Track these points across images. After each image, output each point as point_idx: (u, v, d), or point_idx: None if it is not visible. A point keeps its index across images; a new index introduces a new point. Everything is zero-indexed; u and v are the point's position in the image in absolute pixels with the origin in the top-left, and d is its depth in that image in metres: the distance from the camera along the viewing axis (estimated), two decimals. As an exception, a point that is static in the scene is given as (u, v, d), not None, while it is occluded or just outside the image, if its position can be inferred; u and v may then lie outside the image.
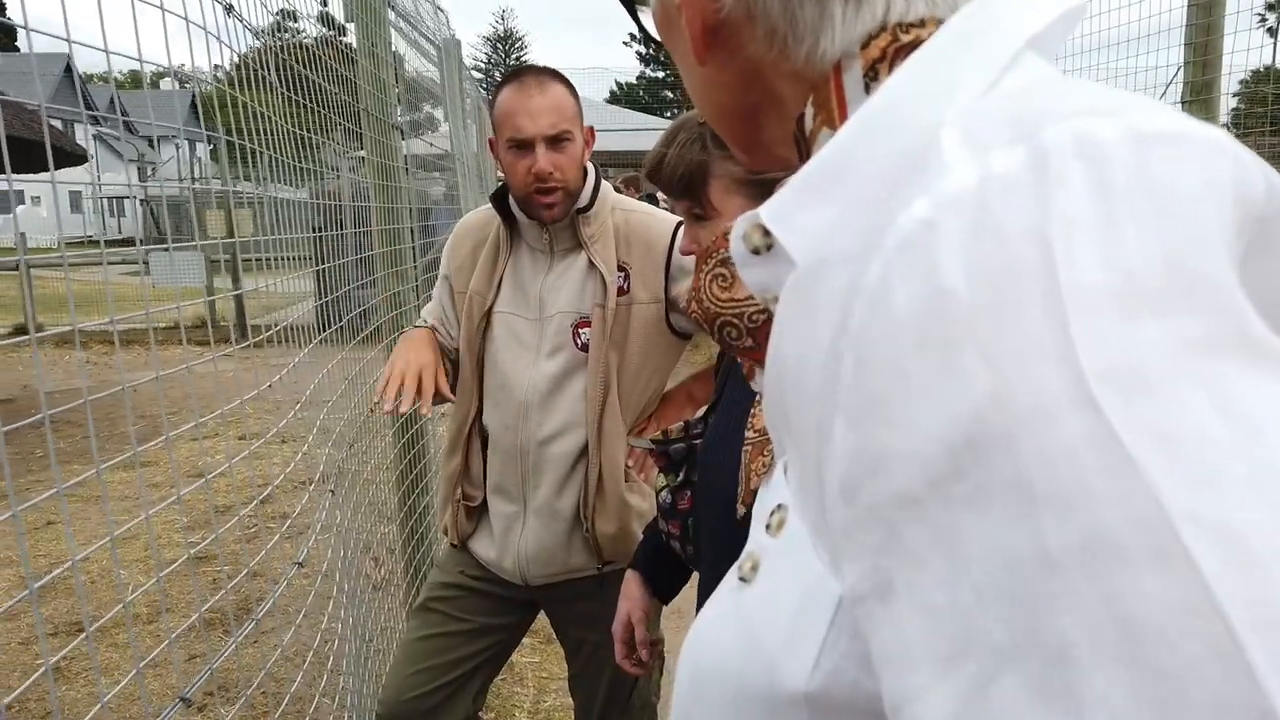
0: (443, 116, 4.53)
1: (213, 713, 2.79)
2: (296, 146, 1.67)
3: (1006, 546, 0.28)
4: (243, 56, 1.39)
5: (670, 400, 1.82)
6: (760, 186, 1.10)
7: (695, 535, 1.25)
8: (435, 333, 1.86)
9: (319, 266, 1.88)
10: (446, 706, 1.83)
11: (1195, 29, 2.56)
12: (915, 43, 0.43)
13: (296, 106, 1.70)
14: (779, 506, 0.44)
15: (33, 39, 0.84)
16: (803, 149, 0.48)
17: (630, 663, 1.47)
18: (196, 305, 8.96)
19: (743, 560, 0.46)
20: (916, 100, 0.39)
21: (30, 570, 0.90)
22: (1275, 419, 0.27)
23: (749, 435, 1.01)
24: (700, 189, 1.13)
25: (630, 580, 1.48)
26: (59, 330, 1.17)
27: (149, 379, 1.00)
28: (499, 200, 1.78)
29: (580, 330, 1.74)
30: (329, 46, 2.09)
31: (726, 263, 0.92)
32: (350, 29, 2.37)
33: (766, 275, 0.44)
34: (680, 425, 1.28)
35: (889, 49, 0.43)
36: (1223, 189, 0.31)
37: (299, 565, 1.47)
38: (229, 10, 1.23)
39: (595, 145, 1.81)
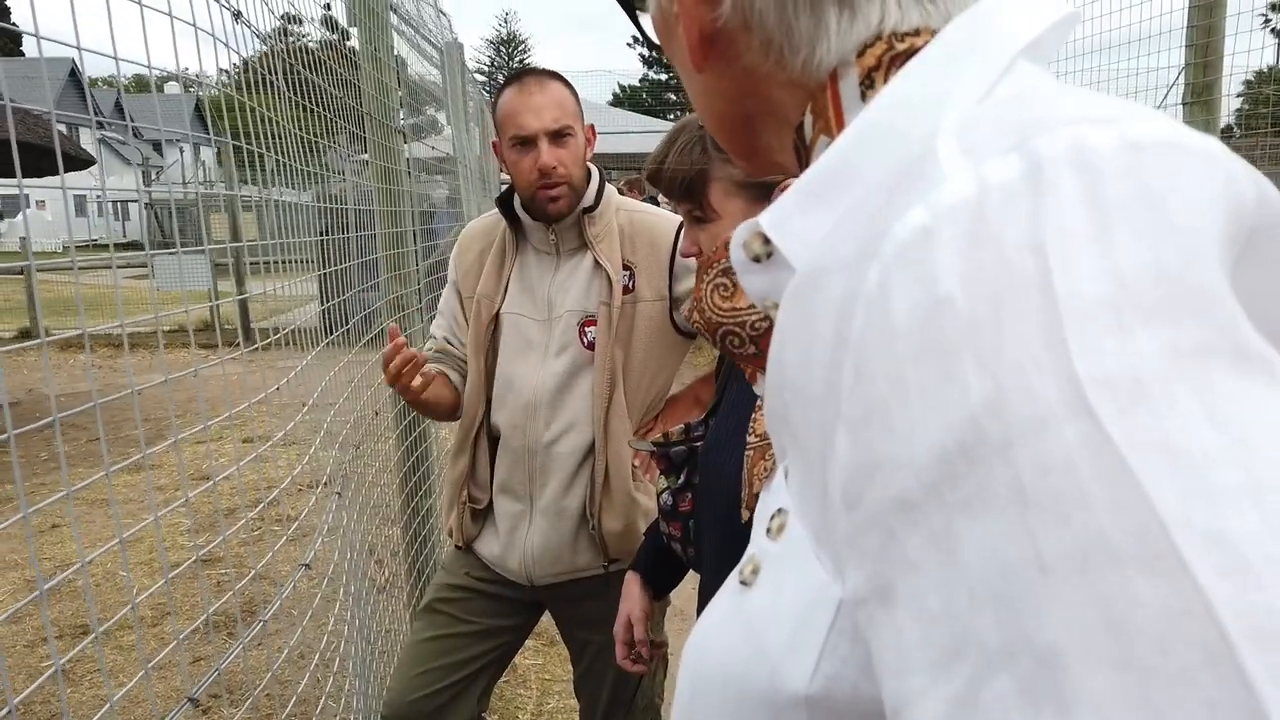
0: (445, 120, 4.54)
1: (217, 714, 2.80)
2: (300, 150, 1.68)
3: (1001, 551, 0.28)
4: (247, 61, 1.40)
5: (677, 403, 1.83)
6: (760, 189, 1.11)
7: (696, 537, 1.26)
8: (446, 352, 1.89)
9: (323, 270, 1.88)
10: (451, 708, 1.83)
11: (1196, 30, 2.56)
12: (910, 51, 0.43)
13: (300, 110, 1.71)
14: (779, 510, 0.44)
15: (42, 45, 0.85)
16: (802, 157, 0.49)
17: (630, 662, 1.48)
18: (201, 309, 8.98)
19: (744, 564, 0.47)
20: (913, 109, 0.40)
21: (35, 573, 0.90)
22: (1268, 427, 0.27)
23: (751, 440, 1.02)
24: (700, 192, 1.13)
25: (631, 581, 1.48)
26: (67, 333, 1.17)
27: (157, 383, 1.00)
28: (504, 204, 1.79)
29: (586, 329, 1.75)
30: (332, 50, 2.10)
31: (728, 272, 0.92)
32: (353, 33, 2.38)
33: (767, 283, 0.44)
34: (681, 428, 1.29)
35: (884, 57, 0.43)
36: (1216, 198, 0.31)
37: (306, 567, 1.47)
38: (237, 16, 1.24)
39: (598, 147, 1.82)
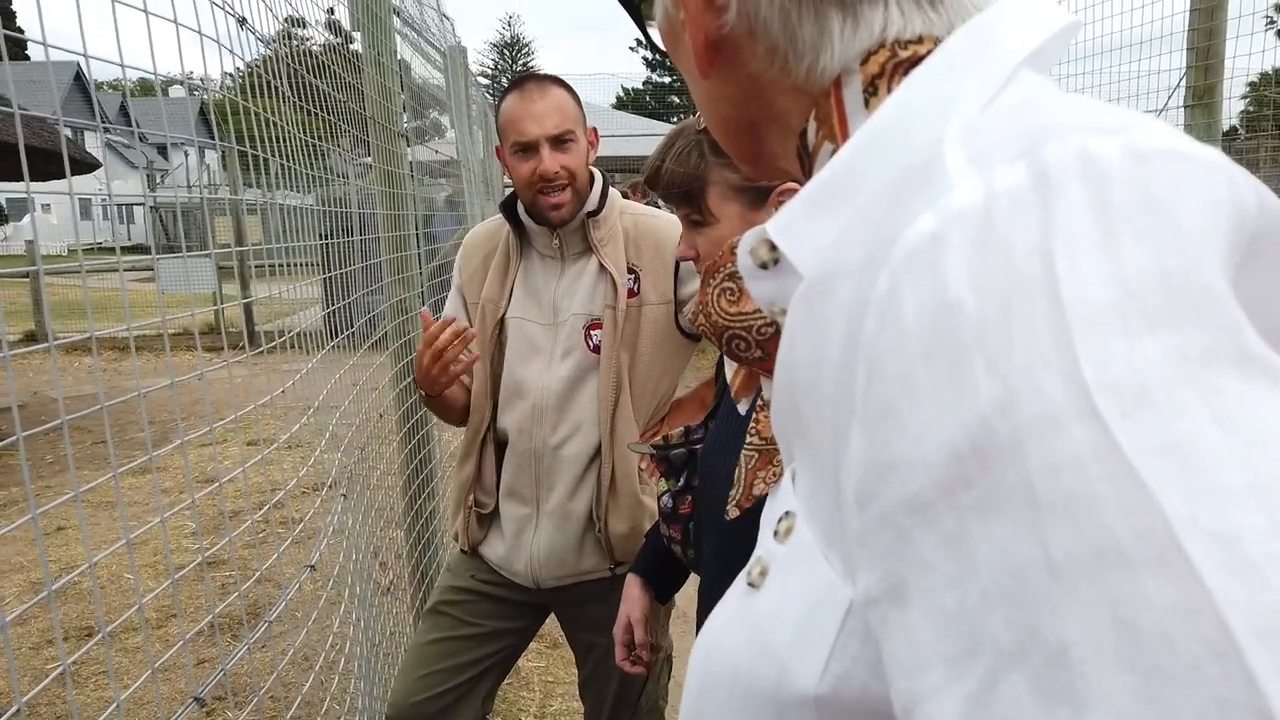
0: (448, 123, 4.55)
1: (221, 717, 2.80)
2: (305, 154, 1.69)
3: (1012, 551, 0.28)
4: (251, 65, 1.41)
5: (683, 407, 1.83)
6: (756, 193, 1.11)
7: (696, 539, 1.26)
8: None
9: (326, 274, 1.89)
10: (455, 710, 1.84)
11: (1197, 34, 2.57)
12: (913, 59, 0.44)
13: (304, 114, 1.72)
14: (787, 513, 0.44)
15: (48, 49, 0.86)
16: (805, 163, 0.50)
17: (629, 664, 1.49)
18: (205, 312, 8.99)
19: (751, 565, 0.47)
20: (918, 117, 0.40)
21: (41, 576, 0.91)
22: (1271, 429, 0.28)
23: (752, 440, 1.02)
24: (698, 195, 1.14)
25: (631, 583, 1.49)
26: (76, 337, 1.17)
27: (163, 385, 1.01)
28: (508, 209, 1.80)
29: (592, 332, 1.75)
30: (335, 55, 2.11)
31: (734, 277, 0.93)
32: (356, 37, 2.39)
33: (774, 289, 0.45)
34: (681, 431, 1.29)
35: (888, 65, 0.44)
36: (1219, 206, 0.32)
37: (311, 568, 1.48)
38: (242, 23, 1.24)
39: (601, 150, 1.82)
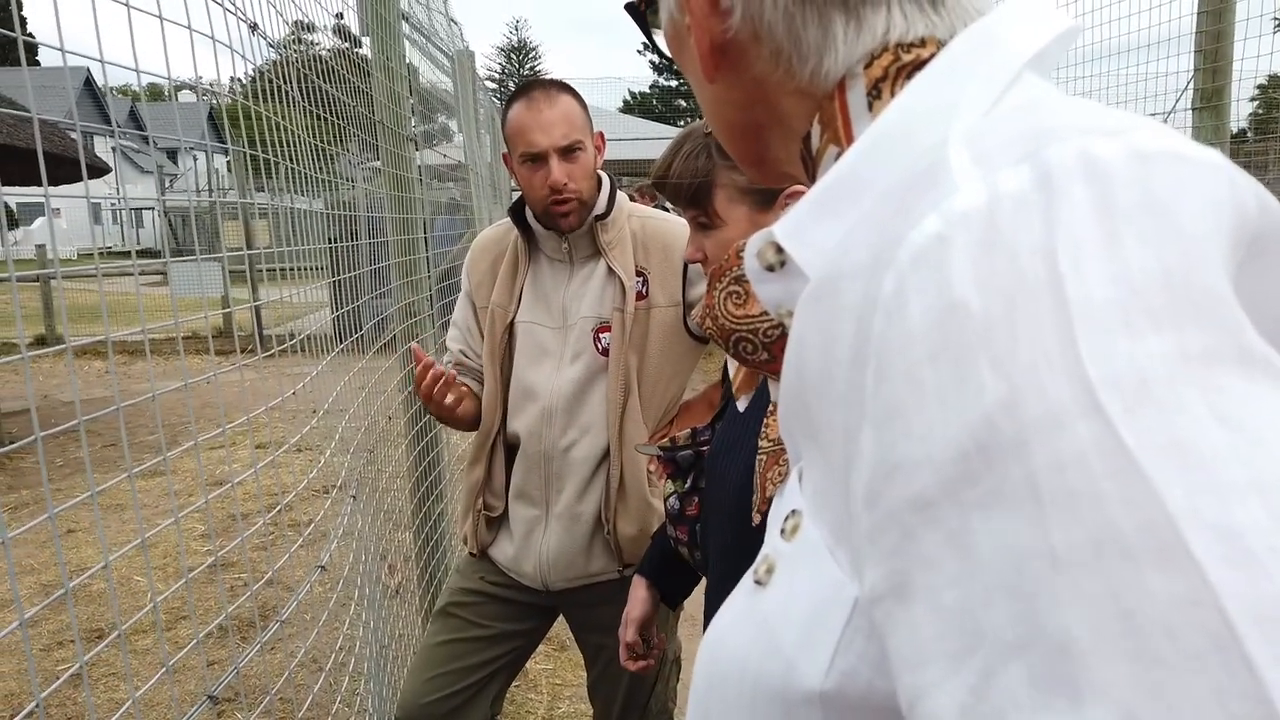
0: (456, 127, 4.57)
1: (231, 718, 2.81)
2: (315, 158, 1.70)
3: (1015, 546, 0.29)
4: (260, 70, 1.42)
5: (691, 408, 1.83)
6: (764, 196, 1.12)
7: (703, 541, 1.26)
8: (463, 365, 1.91)
9: (334, 278, 1.90)
10: (464, 711, 1.84)
11: (1205, 36, 2.56)
12: (916, 61, 0.44)
13: (313, 118, 1.73)
14: (793, 512, 0.45)
15: (65, 55, 0.87)
16: (809, 166, 0.50)
17: (634, 663, 1.49)
18: (218, 314, 9.02)
19: (758, 564, 0.47)
20: (922, 120, 0.41)
21: (52, 578, 0.92)
22: (1272, 427, 0.28)
23: (764, 445, 1.02)
24: (705, 198, 1.15)
25: (637, 584, 1.49)
26: (84, 340, 1.19)
27: (176, 387, 1.02)
28: (516, 213, 1.81)
29: (601, 335, 1.76)
30: (344, 59, 2.12)
31: (741, 280, 0.93)
32: (365, 42, 2.40)
33: (781, 291, 0.45)
34: (688, 433, 1.30)
35: (891, 68, 0.45)
36: (1220, 206, 0.32)
37: (322, 569, 1.49)
38: (254, 28, 1.25)
39: (608, 154, 1.83)
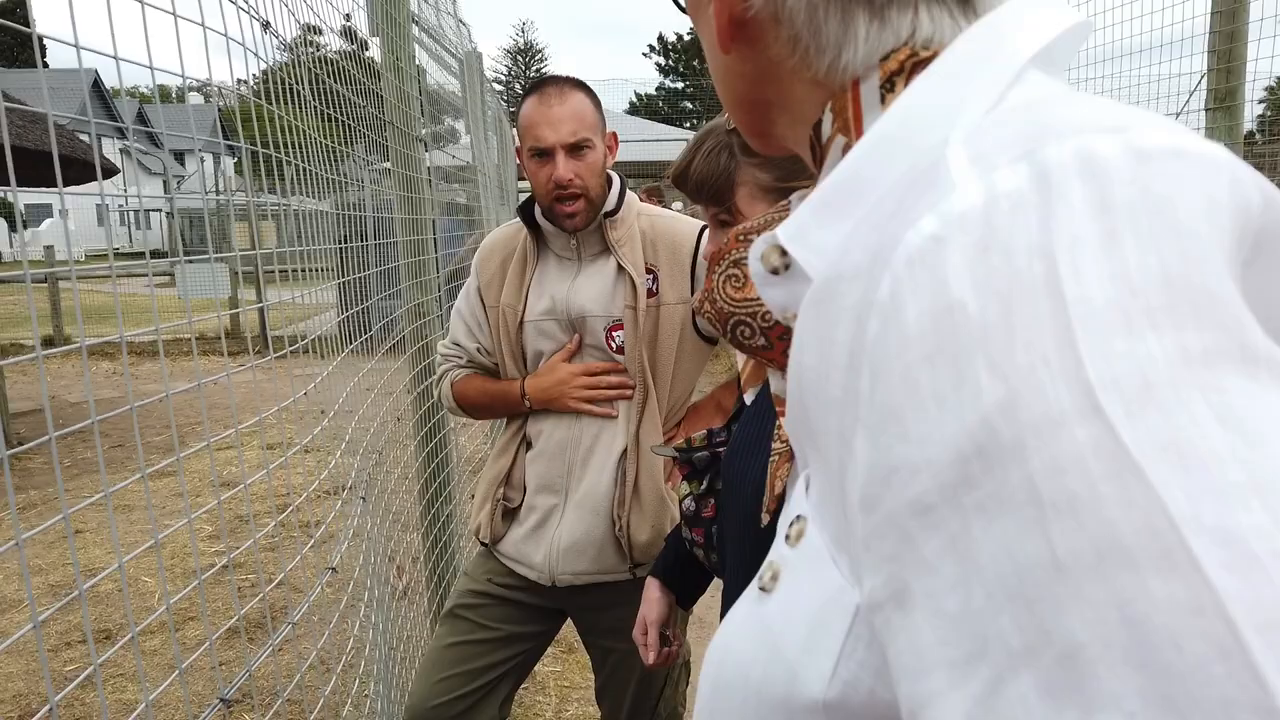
0: (464, 128, 4.57)
1: (239, 719, 2.81)
2: (326, 158, 1.70)
3: (1017, 552, 0.28)
4: (270, 70, 1.42)
5: (699, 410, 1.83)
6: (785, 193, 1.11)
7: (719, 543, 1.26)
8: (474, 360, 1.90)
9: (342, 279, 1.90)
10: (472, 714, 1.83)
11: (1218, 36, 2.55)
12: (933, 58, 0.43)
13: (323, 119, 1.73)
14: (798, 518, 0.45)
15: (80, 52, 0.86)
16: (817, 154, 0.49)
17: (654, 657, 1.49)
18: (230, 314, 9.02)
19: (763, 570, 0.47)
20: (924, 119, 0.40)
21: (60, 578, 0.91)
22: (1273, 427, 0.28)
23: (776, 446, 1.02)
24: (726, 195, 1.14)
25: (650, 585, 1.49)
26: (99, 340, 1.19)
27: (190, 388, 1.01)
28: (525, 210, 1.81)
29: (614, 334, 1.76)
30: (353, 60, 2.12)
31: (739, 264, 0.93)
32: (373, 43, 2.41)
33: (785, 295, 0.45)
34: (704, 434, 1.29)
35: (906, 62, 0.44)
36: (1221, 203, 0.32)
37: (333, 570, 1.48)
38: (265, 26, 1.25)
39: (615, 155, 1.83)
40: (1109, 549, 0.27)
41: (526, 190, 1.82)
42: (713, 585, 1.48)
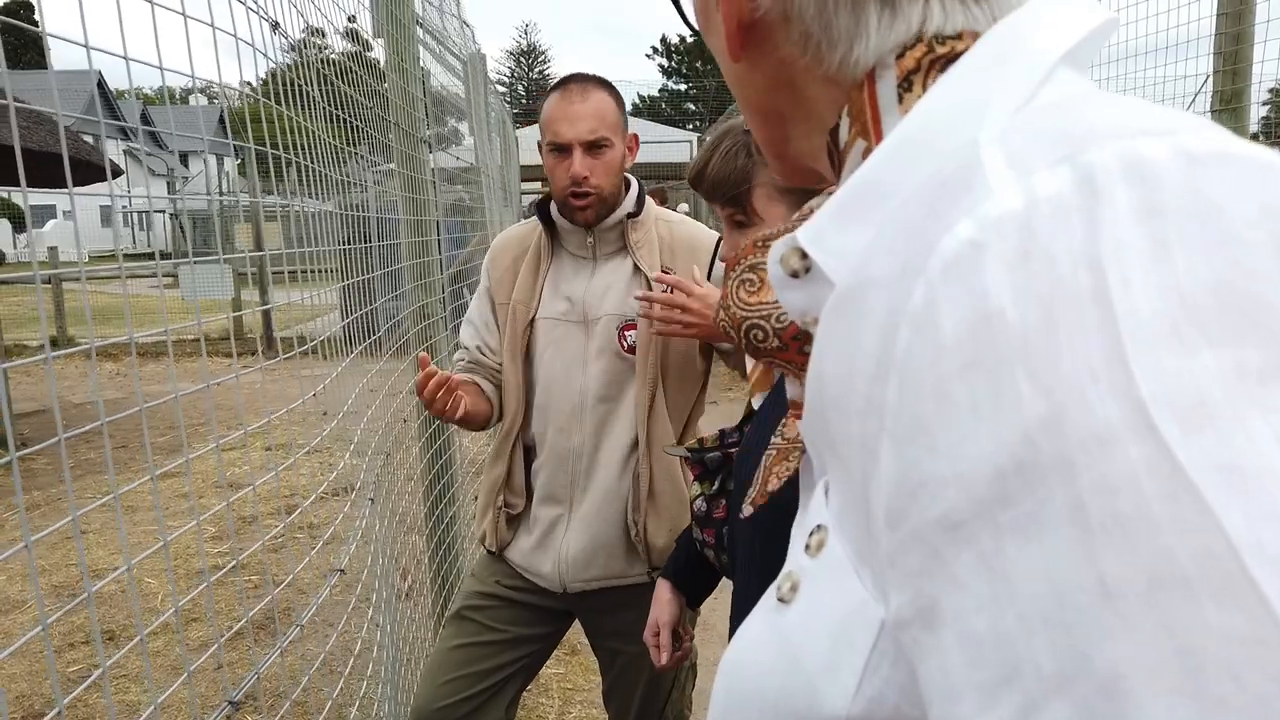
0: (467, 130, 4.57)
1: (242, 721, 2.81)
2: (333, 159, 1.70)
3: (1057, 574, 0.27)
4: (277, 70, 1.42)
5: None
6: (802, 195, 1.11)
7: (730, 544, 1.25)
8: (478, 362, 1.88)
9: (347, 281, 1.89)
10: (478, 716, 1.83)
11: (1224, 38, 2.54)
12: (950, 55, 0.42)
13: (328, 120, 1.73)
14: (818, 527, 0.43)
15: (69, 59, 0.86)
16: (836, 162, 0.48)
17: (665, 658, 1.48)
18: (220, 319, 9.04)
19: (781, 580, 0.45)
20: (952, 119, 0.39)
21: (63, 579, 0.91)
22: None
23: (776, 441, 1.01)
24: (743, 197, 1.14)
25: (662, 587, 1.48)
26: (106, 341, 1.19)
27: (198, 389, 1.01)
28: (542, 207, 1.82)
29: (626, 333, 1.76)
30: (358, 61, 2.12)
31: (755, 268, 0.92)
32: (377, 44, 2.41)
33: (805, 299, 0.43)
34: (716, 434, 1.29)
35: (924, 60, 0.43)
36: (1274, 210, 0.30)
37: (341, 572, 1.48)
38: (275, 27, 1.25)
39: (634, 156, 1.84)
40: (1163, 574, 0.26)
41: (529, 193, 1.82)
42: (719, 587, 1.48)
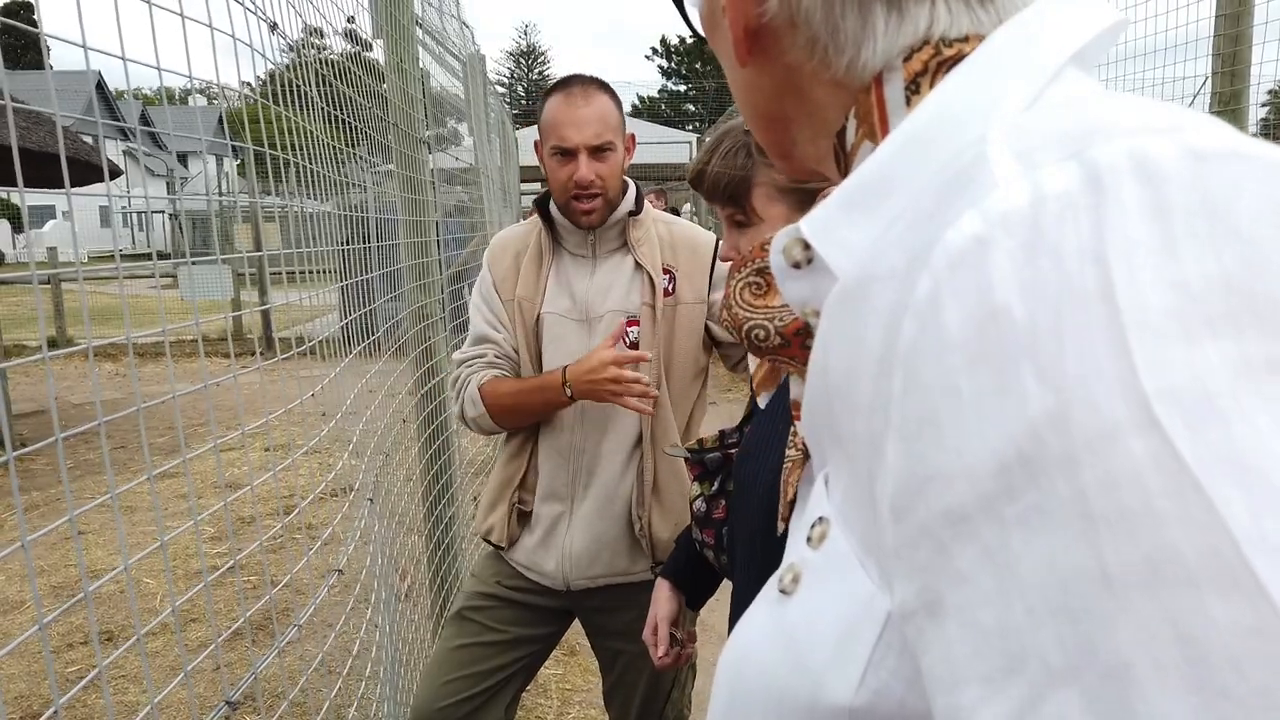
0: (466, 131, 4.57)
1: (240, 722, 2.80)
2: (334, 160, 1.70)
3: (1063, 566, 0.27)
4: (275, 71, 1.42)
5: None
6: (803, 195, 1.11)
7: (729, 544, 1.25)
8: (505, 356, 1.84)
9: (345, 281, 1.89)
10: (478, 716, 1.83)
11: (1223, 39, 2.54)
12: (958, 57, 0.42)
13: (325, 120, 1.73)
14: (820, 519, 0.43)
15: (70, 59, 0.86)
16: (843, 164, 0.48)
17: (665, 659, 1.48)
18: (219, 319, 9.02)
19: (783, 572, 0.46)
20: (960, 115, 0.39)
21: (62, 579, 0.91)
22: None
23: (790, 453, 1.01)
24: (743, 196, 1.14)
25: (661, 585, 1.49)
26: (104, 341, 1.19)
27: (196, 389, 1.01)
28: (541, 205, 1.82)
29: (629, 329, 1.76)
30: (357, 62, 2.12)
31: (763, 272, 0.92)
32: (376, 45, 2.40)
33: (807, 289, 0.43)
34: (716, 435, 1.29)
35: (931, 63, 0.43)
36: None
37: (339, 573, 1.48)
38: (273, 28, 1.25)
39: (632, 156, 1.84)
40: (1166, 566, 0.26)
41: (529, 193, 1.81)
42: (719, 588, 1.48)
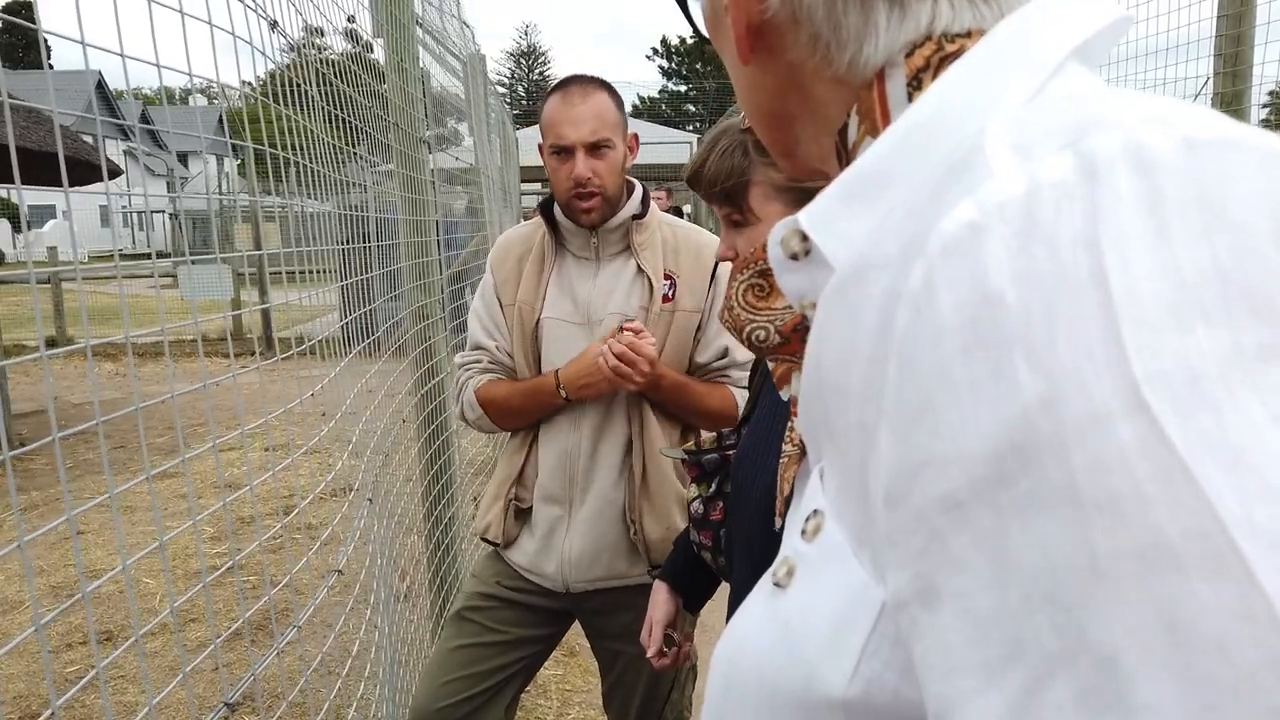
0: (467, 130, 4.57)
1: (239, 722, 2.80)
2: (334, 159, 1.70)
3: (1055, 552, 0.28)
4: (277, 70, 1.42)
5: None
6: (800, 194, 1.11)
7: (727, 546, 1.25)
8: (497, 361, 1.86)
9: (345, 281, 1.89)
10: (477, 716, 1.83)
11: (1225, 40, 2.54)
12: (960, 53, 0.42)
13: (326, 119, 1.73)
14: (815, 512, 0.43)
15: (86, 50, 0.86)
16: (845, 161, 0.48)
17: (660, 660, 1.48)
18: (218, 318, 9.03)
19: (777, 565, 0.46)
20: (960, 108, 0.39)
21: (61, 580, 0.91)
22: None
23: (787, 449, 1.01)
24: (740, 195, 1.14)
25: (659, 588, 1.48)
26: (102, 340, 1.19)
27: (195, 389, 1.01)
28: (545, 208, 1.82)
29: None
30: (358, 61, 2.12)
31: (766, 274, 0.92)
32: (377, 45, 2.40)
33: (804, 281, 0.44)
34: (713, 436, 1.28)
35: (933, 58, 0.43)
36: (1276, 196, 0.31)
37: (339, 573, 1.47)
38: (274, 26, 1.25)
39: (635, 156, 1.84)
40: (1153, 551, 0.26)
41: (529, 194, 1.81)
42: (719, 590, 1.48)
